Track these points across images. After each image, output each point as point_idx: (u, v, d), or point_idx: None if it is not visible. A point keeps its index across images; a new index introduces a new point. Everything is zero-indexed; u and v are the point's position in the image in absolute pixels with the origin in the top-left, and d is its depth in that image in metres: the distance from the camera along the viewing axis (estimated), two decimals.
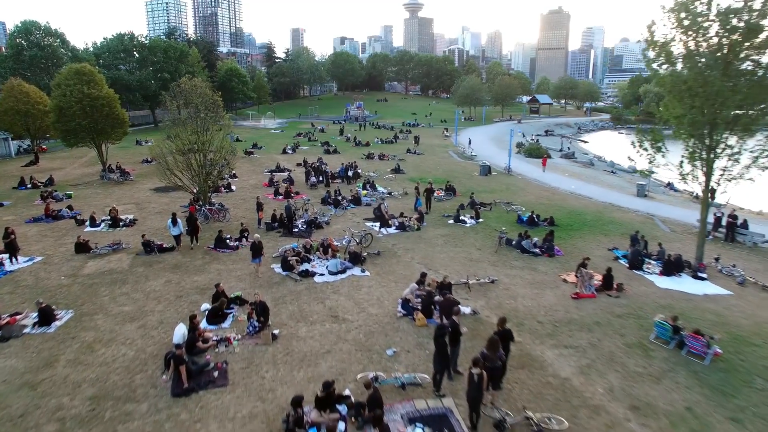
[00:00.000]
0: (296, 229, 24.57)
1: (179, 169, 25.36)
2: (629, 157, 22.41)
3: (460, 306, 15.22)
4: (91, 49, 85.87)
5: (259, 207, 25.49)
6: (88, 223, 25.13)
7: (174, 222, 22.17)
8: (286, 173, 41.35)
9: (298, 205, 28.98)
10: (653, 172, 21.06)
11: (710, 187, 40.78)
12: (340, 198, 30.84)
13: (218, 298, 15.09)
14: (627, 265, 20.80)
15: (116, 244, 21.42)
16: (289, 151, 56.26)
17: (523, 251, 22.06)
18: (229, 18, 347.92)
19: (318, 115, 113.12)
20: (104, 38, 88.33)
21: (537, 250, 22.02)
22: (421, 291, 16.18)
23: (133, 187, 35.77)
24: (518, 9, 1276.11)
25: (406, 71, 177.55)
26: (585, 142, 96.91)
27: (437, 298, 15.73)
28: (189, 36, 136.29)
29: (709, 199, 41.92)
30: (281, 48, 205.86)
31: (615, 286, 17.71)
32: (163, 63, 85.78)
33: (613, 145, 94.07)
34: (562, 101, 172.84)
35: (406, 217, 26.13)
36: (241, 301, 15.77)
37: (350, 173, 38.42)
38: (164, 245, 21.49)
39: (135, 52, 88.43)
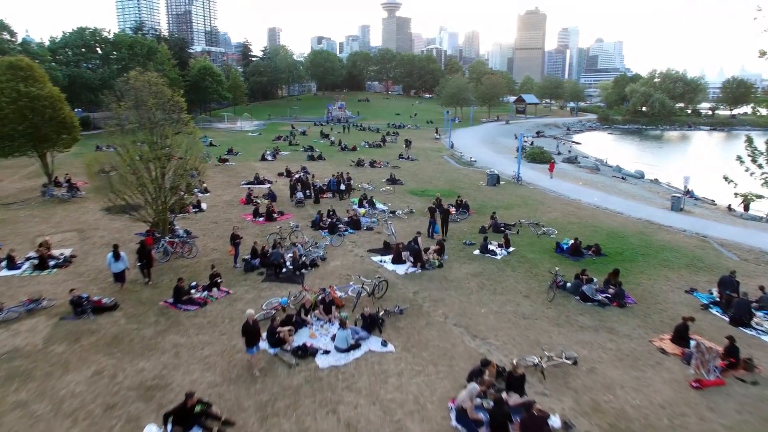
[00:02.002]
0: (284, 270, 18.86)
1: (129, 191, 19.41)
2: (725, 177, 17.39)
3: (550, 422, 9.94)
4: (47, 43, 78.02)
5: (233, 240, 19.62)
6: (4, 263, 18.90)
7: (116, 256, 16.72)
8: (266, 186, 35.50)
9: (284, 233, 23.24)
10: (762, 197, 16.02)
11: (745, 197, 36.51)
12: (335, 220, 25.24)
13: (185, 417, 9.37)
14: (727, 319, 15.76)
15: (34, 300, 15.35)
16: (269, 158, 50.29)
17: (584, 299, 16.86)
18: (204, 16, 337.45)
19: (297, 116, 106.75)
20: (63, 32, 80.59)
21: (602, 298, 16.85)
22: (484, 387, 10.81)
23: (80, 207, 29.47)
24: (495, 9, 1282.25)
25: (388, 70, 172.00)
26: (578, 143, 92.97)
27: (506, 397, 10.42)
28: (159, 32, 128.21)
29: (744, 211, 37.95)
30: (258, 47, 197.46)
31: (742, 362, 12.60)
32: (129, 60, 78.49)
33: (606, 147, 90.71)
34: (545, 101, 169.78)
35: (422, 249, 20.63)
36: (208, 418, 10.05)
37: (342, 186, 32.75)
38: (102, 301, 15.53)
39: (98, 48, 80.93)
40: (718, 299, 17.04)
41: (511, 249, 22.39)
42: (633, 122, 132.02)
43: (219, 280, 17.07)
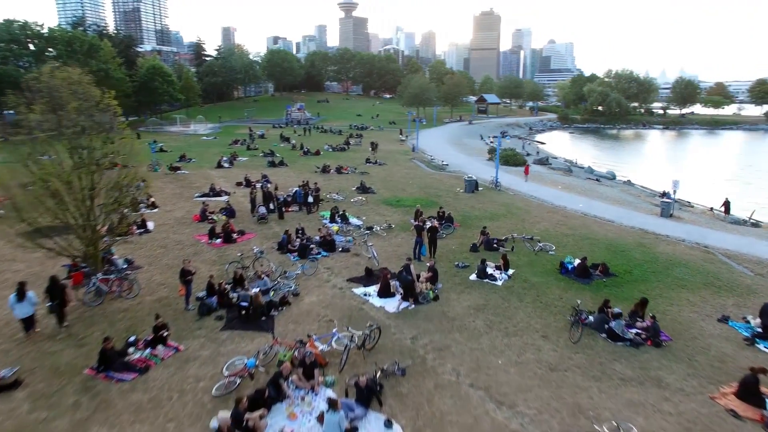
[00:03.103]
0: (250, 310, 15.28)
1: (42, 217, 15.40)
2: None
3: None
4: None
5: (184, 277, 15.84)
6: None
7: (21, 296, 13.10)
8: (224, 199, 31.56)
9: (247, 260, 19.62)
10: None
11: (725, 200, 35.33)
12: (305, 241, 21.76)
13: None
14: None
15: None
16: (226, 165, 46.00)
17: (612, 337, 14.19)
18: (154, 14, 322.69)
19: (254, 118, 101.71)
20: None
21: (635, 336, 14.20)
22: None
23: None
24: (451, 10, 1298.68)
25: (347, 70, 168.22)
26: (542, 143, 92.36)
27: None
28: (103, 28, 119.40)
29: (725, 214, 36.89)
30: (212, 46, 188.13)
31: None
32: (67, 58, 71.60)
33: (570, 147, 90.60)
34: (504, 100, 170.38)
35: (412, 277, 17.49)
36: None
37: (310, 198, 29.17)
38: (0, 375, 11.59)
39: (30, 44, 73.72)
40: (761, 331, 14.75)
41: (510, 271, 19.59)
42: (591, 121, 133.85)
43: (165, 333, 13.39)
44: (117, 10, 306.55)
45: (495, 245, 22.46)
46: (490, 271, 19.10)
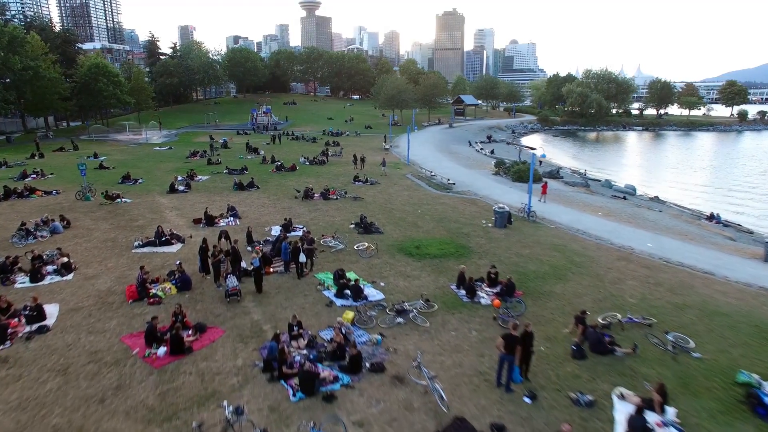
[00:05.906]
0: None
1: None
2: None
3: None
4: None
5: None
6: None
7: None
8: (175, 249, 22.34)
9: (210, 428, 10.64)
10: None
11: None
12: (309, 354, 12.93)
13: None
14: None
15: None
16: (181, 188, 36.34)
17: None
18: (105, 11, 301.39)
19: (214, 123, 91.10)
20: None
21: None
22: None
23: None
24: (414, 9, 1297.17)
25: (315, 70, 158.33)
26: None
27: None
28: (33, 18, 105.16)
29: None
30: (167, 44, 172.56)
31: None
32: None
33: (563, 153, 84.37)
34: (479, 102, 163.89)
35: None
36: None
37: (303, 257, 19.99)
38: None
39: None
40: None
41: (671, 412, 11.40)
42: (571, 123, 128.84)
43: None
44: (62, 5, 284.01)
45: (610, 346, 14.21)
46: (650, 420, 10.82)
